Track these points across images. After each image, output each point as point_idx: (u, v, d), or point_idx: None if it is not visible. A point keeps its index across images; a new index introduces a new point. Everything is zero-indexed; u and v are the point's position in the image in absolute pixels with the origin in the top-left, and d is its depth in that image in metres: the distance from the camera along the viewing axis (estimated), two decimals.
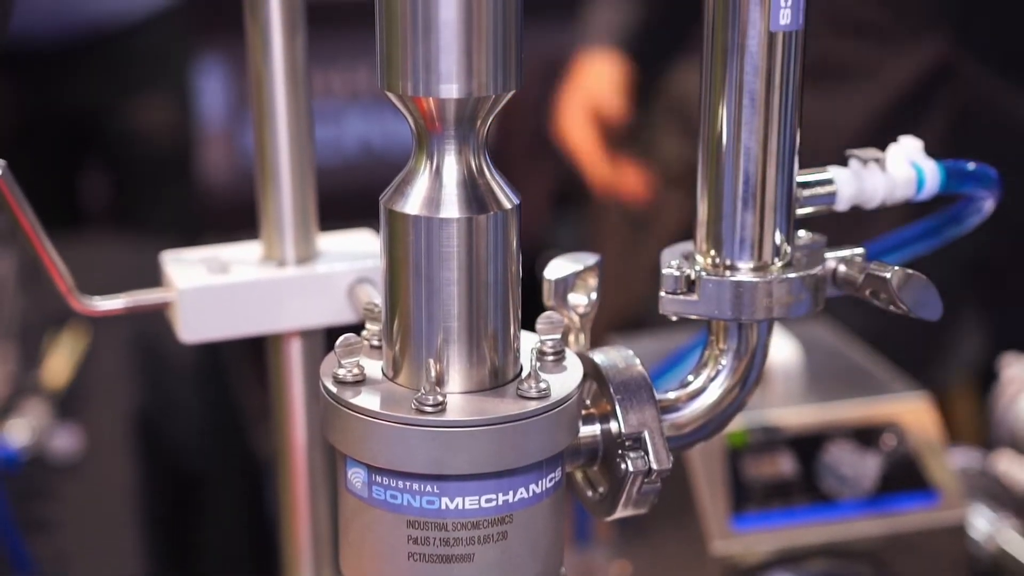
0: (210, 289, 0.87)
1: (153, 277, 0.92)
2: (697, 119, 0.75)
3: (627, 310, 2.77)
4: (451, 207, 0.68)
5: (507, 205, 0.70)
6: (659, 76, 2.27)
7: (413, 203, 0.69)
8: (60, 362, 1.77)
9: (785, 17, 0.72)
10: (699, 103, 0.75)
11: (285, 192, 0.89)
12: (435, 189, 0.69)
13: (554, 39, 3.54)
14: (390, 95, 0.68)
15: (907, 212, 0.85)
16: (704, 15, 0.74)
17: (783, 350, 1.19)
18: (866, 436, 1.13)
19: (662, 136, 2.31)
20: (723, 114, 0.74)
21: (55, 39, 2.55)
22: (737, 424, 0.95)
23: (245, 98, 3.38)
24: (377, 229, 0.73)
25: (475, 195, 0.69)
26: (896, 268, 0.74)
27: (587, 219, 3.14)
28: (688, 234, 0.79)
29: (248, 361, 2.27)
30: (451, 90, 0.66)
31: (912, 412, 1.15)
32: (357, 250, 0.92)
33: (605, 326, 1.36)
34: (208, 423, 2.08)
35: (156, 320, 0.94)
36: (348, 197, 3.11)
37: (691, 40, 1.95)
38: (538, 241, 3.35)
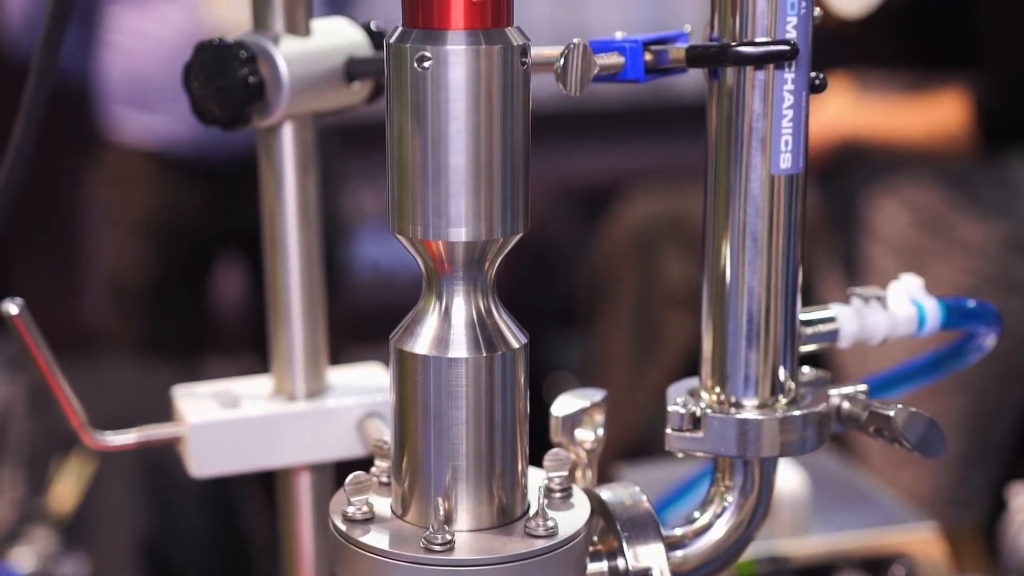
0: (221, 424, 0.88)
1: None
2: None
3: (633, 430, 2.77)
4: (460, 347, 0.70)
5: (515, 344, 0.71)
6: None
7: (423, 343, 0.70)
8: (67, 488, 1.77)
9: (786, 161, 0.74)
10: (702, 241, 0.77)
11: (296, 329, 0.90)
12: (444, 329, 0.70)
13: (560, 159, 3.59)
14: (400, 238, 0.70)
15: None
16: (706, 157, 0.76)
17: (790, 479, 1.19)
18: (875, 566, 1.13)
19: None
20: (726, 253, 0.76)
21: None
22: (745, 553, 0.95)
23: None
24: (384, 356, 0.74)
25: (484, 335, 0.70)
26: (900, 406, 0.75)
27: (594, 338, 3.15)
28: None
29: (256, 488, 2.27)
30: (460, 234, 0.68)
31: (921, 542, 1.15)
32: (366, 384, 0.93)
33: (613, 447, 1.36)
34: (215, 551, 2.06)
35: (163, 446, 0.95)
36: (356, 317, 3.13)
37: None
38: (545, 361, 3.35)
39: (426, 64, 0.66)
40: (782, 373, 0.77)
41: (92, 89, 2.71)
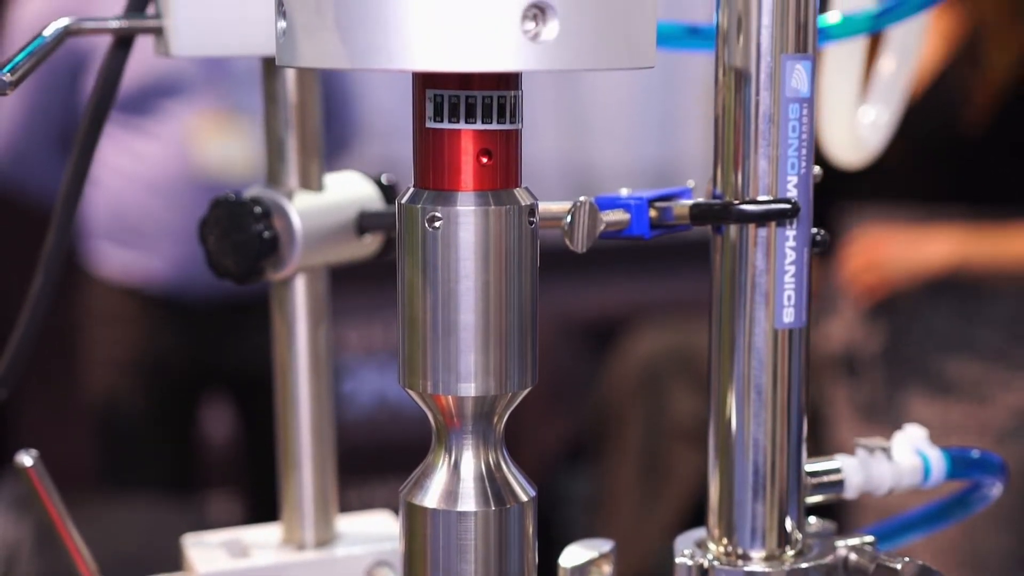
0: (231, 574, 0.88)
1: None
2: None
3: (642, 569, 2.75)
4: (469, 501, 0.70)
5: (523, 498, 0.72)
6: None
7: (432, 496, 0.71)
8: None
9: (789, 316, 0.75)
10: (708, 391, 0.78)
11: (306, 479, 0.91)
12: (453, 483, 0.71)
13: (566, 293, 3.62)
14: (410, 392, 0.71)
15: None
16: (711, 308, 0.78)
17: None
18: None
19: None
20: (732, 405, 0.77)
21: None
22: None
23: None
24: (391, 489, 0.74)
25: (493, 489, 0.71)
26: (907, 559, 0.75)
27: (601, 473, 3.14)
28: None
29: None
30: (469, 389, 0.69)
31: None
32: (375, 532, 0.94)
33: None
34: None
35: None
36: (363, 451, 3.13)
37: None
38: (553, 496, 3.34)
39: (436, 224, 0.68)
40: (789, 524, 0.77)
41: (75, 223, 2.71)
